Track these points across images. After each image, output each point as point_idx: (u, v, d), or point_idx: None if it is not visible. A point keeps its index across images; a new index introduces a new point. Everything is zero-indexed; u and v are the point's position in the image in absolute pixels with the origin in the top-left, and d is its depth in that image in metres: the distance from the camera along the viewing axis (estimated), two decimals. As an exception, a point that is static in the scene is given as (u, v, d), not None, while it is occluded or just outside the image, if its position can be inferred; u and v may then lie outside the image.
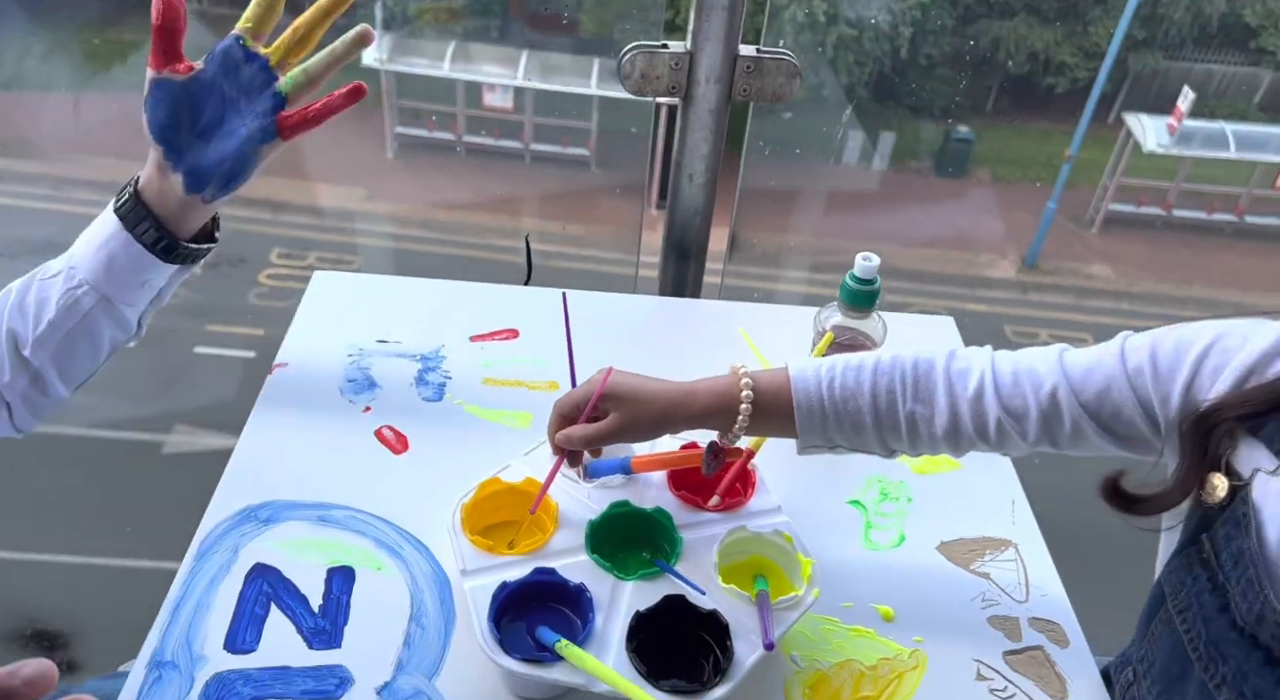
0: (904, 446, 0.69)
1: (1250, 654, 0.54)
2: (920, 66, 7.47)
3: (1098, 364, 0.64)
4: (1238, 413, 0.56)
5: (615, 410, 0.68)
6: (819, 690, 0.69)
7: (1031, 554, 0.79)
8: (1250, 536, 0.54)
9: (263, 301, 5.87)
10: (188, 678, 0.66)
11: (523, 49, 7.28)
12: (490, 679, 0.67)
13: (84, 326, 0.68)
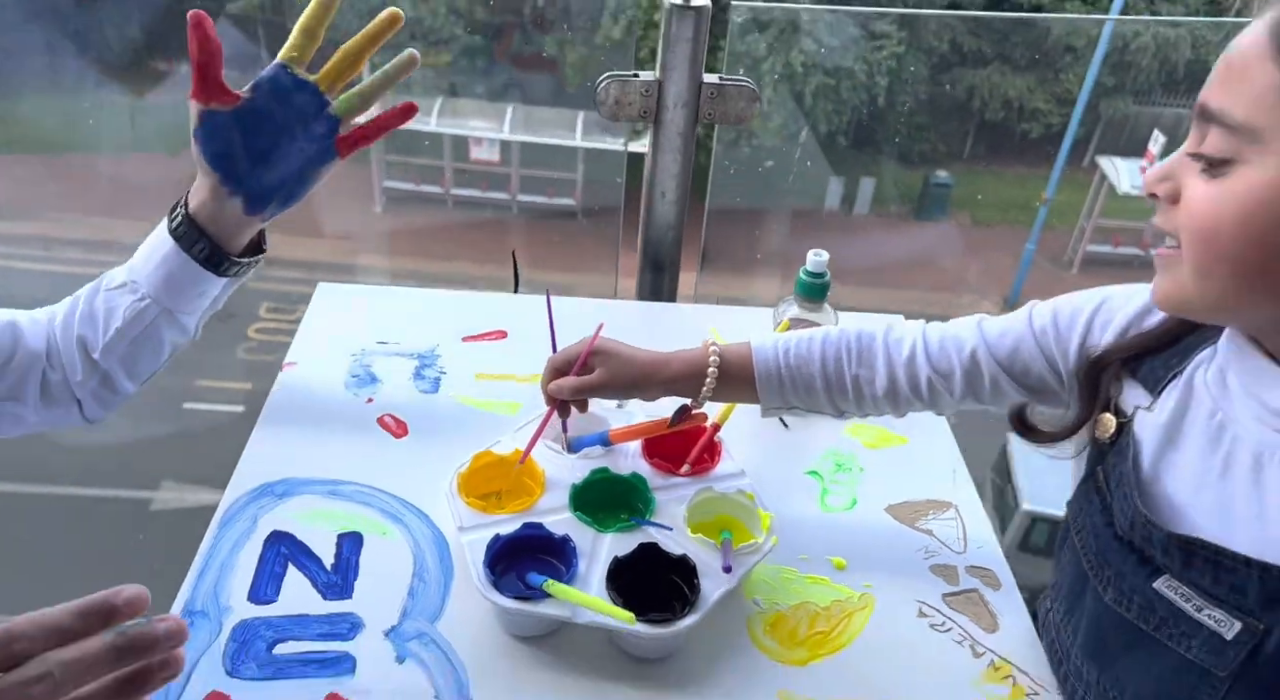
0: (850, 407, 0.79)
1: (1127, 557, 0.63)
2: (898, 114, 7.70)
3: (1010, 328, 0.74)
4: (1120, 356, 0.67)
5: (601, 366, 0.78)
6: (778, 627, 0.77)
7: (970, 513, 0.88)
8: (1129, 462, 0.64)
9: (251, 356, 5.92)
10: (216, 623, 0.74)
11: (509, 103, 7.48)
12: (487, 620, 0.75)
13: (148, 334, 0.75)
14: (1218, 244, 0.54)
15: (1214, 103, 0.53)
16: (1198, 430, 0.62)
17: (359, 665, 0.72)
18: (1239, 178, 0.52)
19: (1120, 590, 0.64)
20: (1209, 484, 0.60)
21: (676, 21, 1.05)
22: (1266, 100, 0.51)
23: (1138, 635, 0.63)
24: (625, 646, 0.74)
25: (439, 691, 0.70)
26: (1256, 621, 0.57)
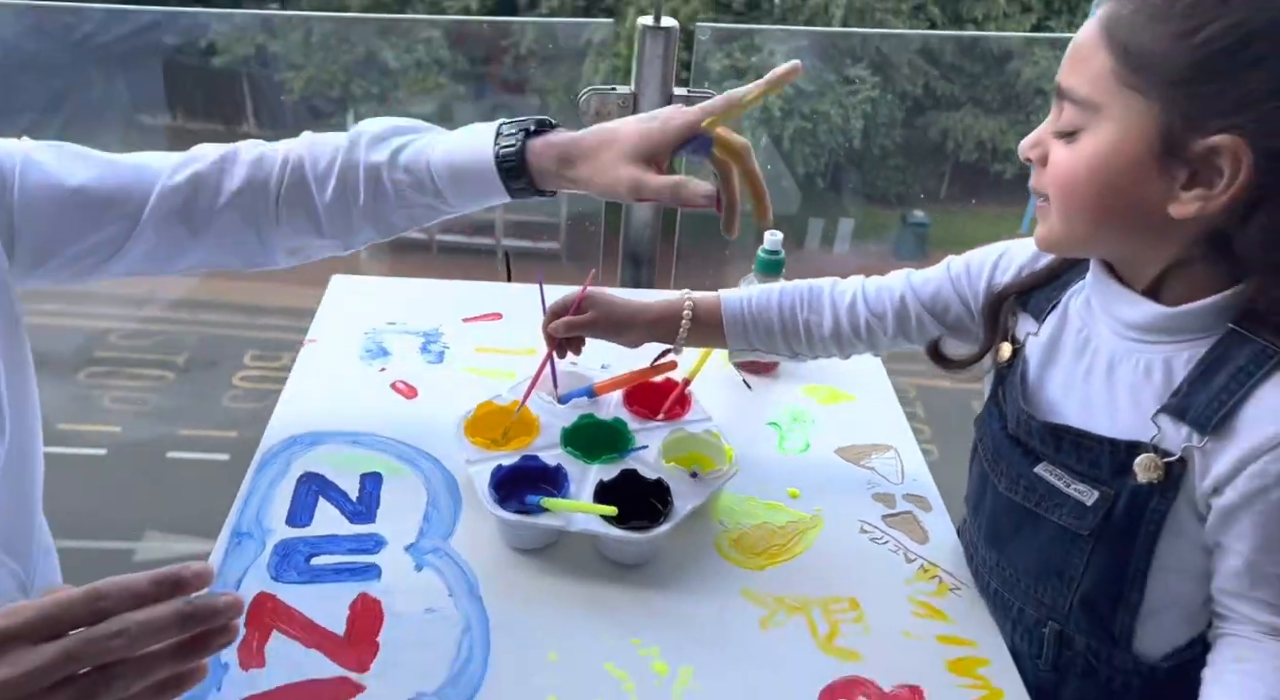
0: (803, 348, 0.94)
1: (1015, 451, 0.78)
2: (874, 156, 7.95)
3: (932, 276, 0.89)
4: (1015, 291, 0.82)
5: (592, 309, 0.92)
6: (740, 543, 0.90)
7: (907, 453, 1.02)
8: (1018, 376, 0.79)
9: (236, 404, 5.97)
10: (260, 543, 0.86)
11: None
12: (492, 537, 0.88)
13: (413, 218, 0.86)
14: (1076, 194, 0.68)
15: (1065, 83, 0.68)
16: (1069, 345, 0.77)
17: (384, 573, 0.84)
18: (1086, 142, 0.67)
19: (1011, 478, 0.78)
20: (1076, 386, 0.75)
21: (649, 40, 1.21)
22: (1102, 80, 0.65)
23: (1025, 514, 0.77)
24: (609, 554, 0.87)
25: (452, 590, 0.83)
26: (1109, 488, 0.72)
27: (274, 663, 0.76)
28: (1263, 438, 0.66)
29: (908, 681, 0.77)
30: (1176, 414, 0.69)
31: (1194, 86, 0.62)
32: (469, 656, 0.78)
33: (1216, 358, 0.69)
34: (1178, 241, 0.67)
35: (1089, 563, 0.75)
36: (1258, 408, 0.66)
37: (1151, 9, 0.63)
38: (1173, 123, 0.63)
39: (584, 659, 0.78)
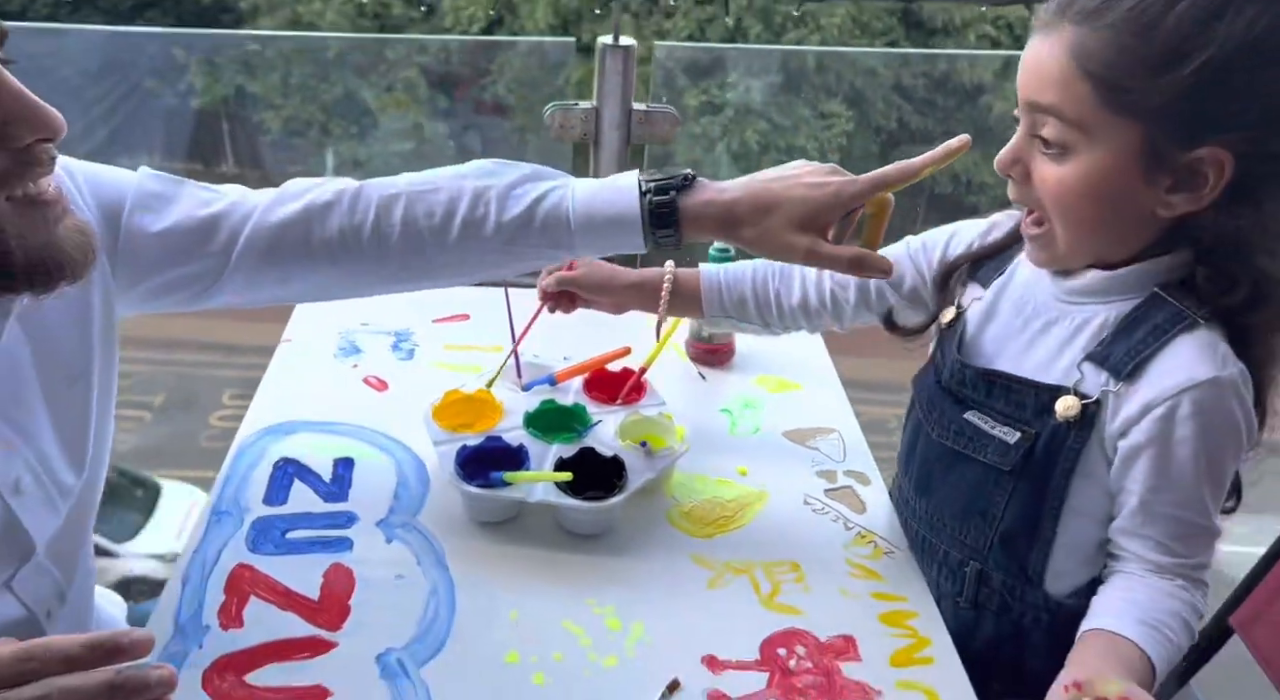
0: (773, 318, 1.02)
1: (945, 397, 0.87)
2: (851, 191, 8.10)
3: (892, 251, 0.98)
4: (965, 261, 0.91)
5: (581, 266, 1.01)
6: (691, 515, 0.96)
7: (850, 435, 1.09)
8: (957, 334, 0.88)
9: (213, 444, 5.96)
10: (238, 520, 0.91)
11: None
12: (459, 513, 0.93)
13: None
14: (1074, 211, 0.76)
15: (1046, 101, 0.73)
16: (1010, 305, 0.87)
17: (355, 544, 0.90)
18: (1078, 161, 0.73)
19: (943, 426, 0.87)
20: (1011, 338, 0.85)
21: (609, 58, 1.29)
22: (1086, 106, 0.71)
23: (954, 457, 0.86)
24: (568, 525, 0.93)
25: (420, 559, 0.88)
26: (1030, 428, 0.81)
27: (251, 624, 0.81)
28: (1167, 385, 0.75)
29: (843, 632, 0.83)
30: (1098, 361, 0.78)
31: (1177, 111, 0.69)
32: (435, 616, 0.83)
33: (1139, 315, 0.78)
34: (1156, 231, 0.76)
35: (1009, 501, 0.84)
36: (1167, 360, 0.75)
37: (1126, 43, 0.69)
38: (1159, 141, 0.71)
39: (543, 617, 0.84)
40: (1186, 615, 0.76)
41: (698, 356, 1.20)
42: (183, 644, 0.79)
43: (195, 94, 8.22)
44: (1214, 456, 0.76)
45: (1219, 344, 0.75)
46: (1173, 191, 0.72)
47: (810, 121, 7.95)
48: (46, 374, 0.75)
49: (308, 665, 0.78)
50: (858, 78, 8.31)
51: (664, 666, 0.79)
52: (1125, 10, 0.69)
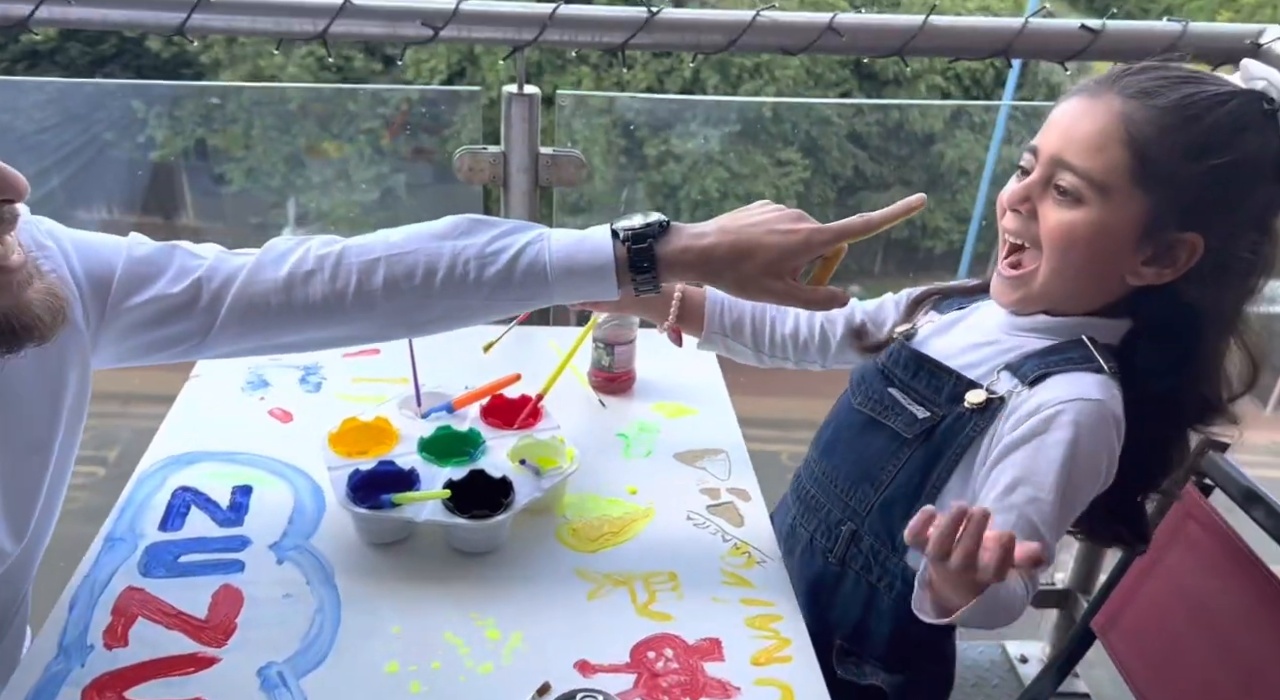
0: (764, 343, 1.10)
1: (876, 374, 0.98)
2: (809, 236, 8.26)
3: (879, 300, 1.09)
4: (937, 292, 1.04)
5: None
6: (579, 533, 1.00)
7: (737, 457, 1.13)
8: (907, 335, 0.98)
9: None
10: (132, 545, 0.94)
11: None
12: (351, 536, 0.97)
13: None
14: (1071, 254, 0.85)
15: (1075, 160, 0.82)
16: (961, 327, 0.97)
17: (247, 566, 0.93)
18: (1088, 211, 0.83)
19: (865, 395, 0.97)
20: (950, 346, 0.95)
21: (514, 106, 1.35)
22: (1118, 171, 0.81)
23: (867, 422, 0.96)
24: (458, 544, 0.96)
25: (309, 579, 0.92)
26: (939, 410, 0.91)
27: (136, 643, 0.84)
28: (1059, 394, 0.84)
29: (710, 635, 0.88)
30: (1012, 370, 0.89)
31: (1187, 194, 0.80)
32: (319, 631, 0.86)
33: (1059, 346, 0.89)
34: (1115, 295, 0.87)
35: (900, 470, 0.93)
36: (1066, 377, 0.86)
37: (1173, 125, 0.80)
38: (1161, 218, 0.81)
39: (425, 630, 0.87)
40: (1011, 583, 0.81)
41: (599, 385, 1.24)
42: (65, 663, 0.81)
43: (154, 146, 8.24)
44: (1075, 471, 0.83)
45: (1115, 390, 0.85)
46: (1148, 263, 0.83)
47: (768, 168, 8.12)
48: (8, 441, 0.79)
49: (189, 680, 0.81)
50: (813, 127, 8.52)
51: (538, 672, 0.83)
52: (1179, 97, 0.80)
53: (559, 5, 1.24)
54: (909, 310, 1.05)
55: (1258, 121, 0.81)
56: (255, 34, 1.22)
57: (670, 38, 1.25)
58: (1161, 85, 0.81)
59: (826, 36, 1.18)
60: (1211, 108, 0.80)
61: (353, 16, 1.23)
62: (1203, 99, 0.80)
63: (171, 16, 1.19)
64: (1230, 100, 0.81)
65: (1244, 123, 0.80)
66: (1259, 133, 0.80)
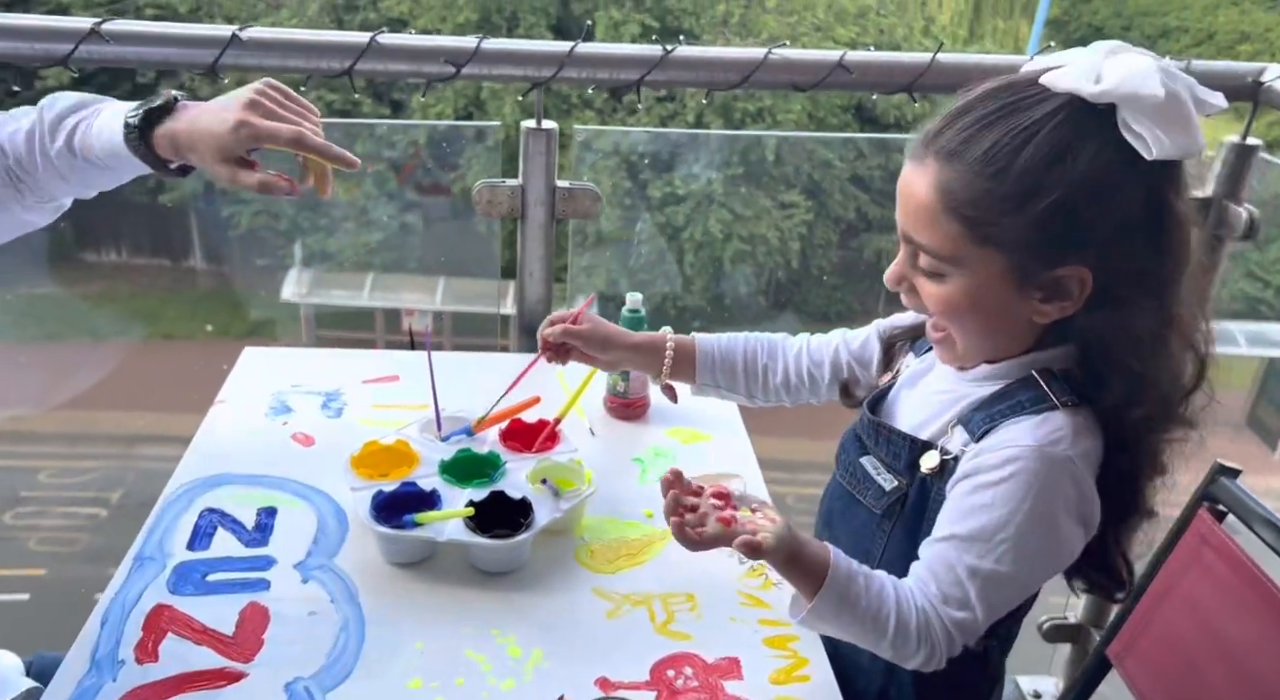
0: (758, 389, 1.11)
1: (853, 441, 0.97)
2: (813, 276, 8.34)
3: (863, 331, 1.09)
4: (905, 335, 1.02)
5: (586, 322, 1.09)
6: (597, 554, 1.02)
7: (752, 480, 1.15)
8: (882, 392, 0.97)
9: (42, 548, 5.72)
10: (160, 564, 0.96)
11: (439, 276, 7.89)
12: (374, 555, 0.98)
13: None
14: (961, 320, 0.84)
15: (919, 238, 0.81)
16: (925, 374, 0.96)
17: (273, 585, 0.94)
18: (955, 281, 0.81)
19: (844, 466, 0.96)
20: (913, 401, 0.95)
21: (532, 140, 1.39)
22: (954, 242, 0.79)
23: (848, 498, 0.95)
24: (478, 564, 0.98)
25: (334, 597, 0.93)
26: (904, 479, 0.89)
27: (166, 658, 0.85)
28: (993, 444, 0.83)
29: (729, 654, 0.89)
30: (963, 424, 0.87)
31: (1034, 240, 0.78)
32: (344, 648, 0.88)
33: (1007, 390, 0.86)
34: (1040, 331, 0.84)
35: (887, 544, 0.91)
36: (1007, 427, 0.83)
37: (984, 184, 0.77)
38: (1022, 265, 0.79)
39: (447, 648, 0.88)
40: (890, 610, 0.80)
41: (614, 410, 1.27)
42: (98, 677, 0.83)
43: (164, 189, 8.33)
44: (1005, 519, 0.80)
45: (1065, 427, 0.81)
46: (1045, 302, 0.80)
47: (771, 211, 8.20)
48: None
49: (218, 694, 0.82)
50: (815, 170, 8.62)
51: (559, 688, 0.84)
52: (980, 154, 0.77)
53: (577, 43, 1.28)
54: (885, 357, 1.04)
55: (1079, 136, 0.75)
56: (286, 71, 1.26)
57: (684, 75, 1.30)
58: (967, 138, 0.78)
59: (836, 73, 1.22)
60: (1018, 151, 0.75)
61: (379, 55, 1.27)
62: (1005, 145, 0.76)
63: (205, 54, 1.23)
64: (1039, 131, 0.75)
65: (1059, 152, 0.75)
66: (1083, 147, 0.75)
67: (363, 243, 7.82)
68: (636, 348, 1.10)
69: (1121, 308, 0.79)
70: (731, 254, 7.91)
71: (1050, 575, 0.85)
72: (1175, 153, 0.75)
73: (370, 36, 1.25)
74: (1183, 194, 0.79)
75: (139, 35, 1.22)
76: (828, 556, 0.81)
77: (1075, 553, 0.83)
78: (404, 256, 7.96)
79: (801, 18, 9.27)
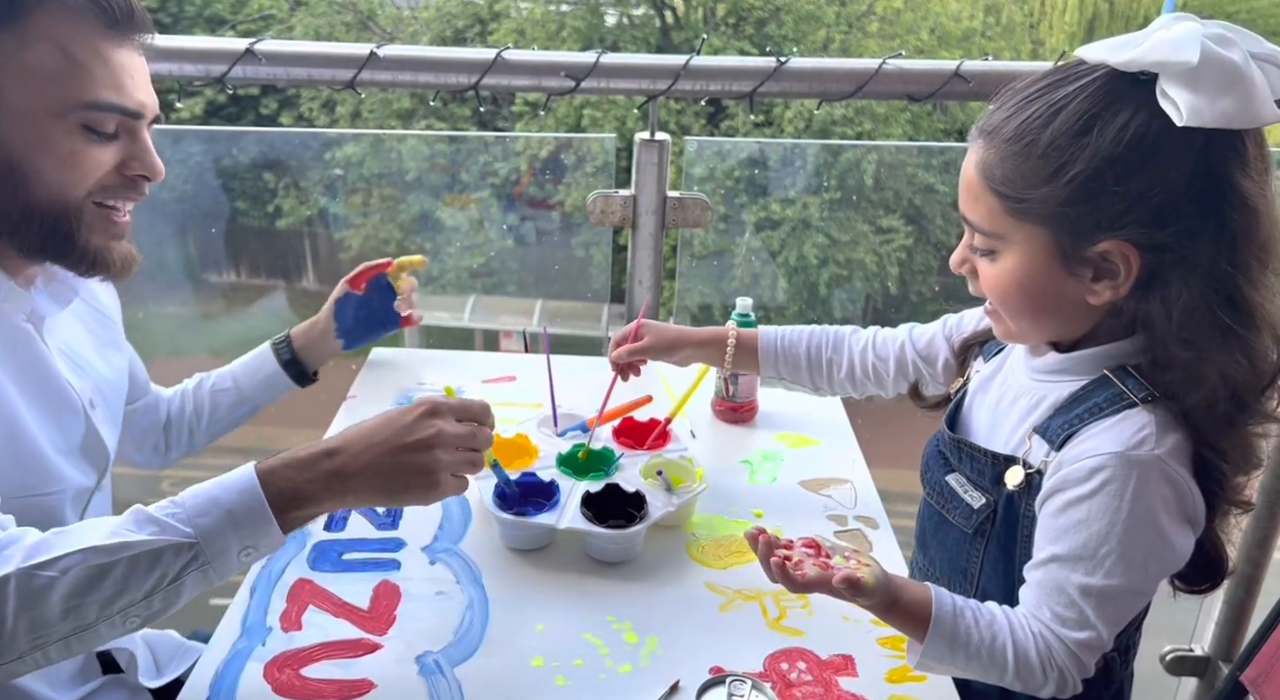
0: (823, 381, 1.12)
1: (937, 459, 0.95)
2: (913, 302, 8.20)
3: (930, 328, 1.09)
4: (976, 340, 1.00)
5: (647, 334, 1.13)
6: (707, 550, 1.04)
7: (862, 487, 1.16)
8: (955, 402, 0.97)
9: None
10: (301, 543, 1.02)
11: (537, 298, 8.07)
12: (495, 542, 1.03)
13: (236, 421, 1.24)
14: (1011, 302, 0.84)
15: (968, 215, 0.83)
16: (996, 379, 0.94)
17: (403, 565, 1.00)
18: (1003, 261, 0.82)
19: (931, 485, 0.94)
20: (989, 411, 0.93)
21: (644, 151, 1.44)
22: (996, 217, 0.80)
23: (939, 518, 0.93)
24: (594, 553, 1.01)
25: (459, 578, 0.98)
26: (991, 495, 0.88)
27: (309, 627, 0.91)
28: (1075, 455, 0.80)
29: (842, 651, 0.90)
30: (1041, 433, 0.85)
31: (1070, 212, 0.76)
32: (470, 626, 0.92)
33: (1083, 394, 0.84)
34: (1098, 315, 0.83)
35: (984, 562, 0.90)
36: (1087, 434, 0.81)
37: (1016, 157, 0.77)
38: (1062, 240, 0.78)
39: (566, 630, 0.92)
40: (1005, 640, 0.79)
41: (723, 413, 1.29)
42: (248, 641, 0.89)
43: (281, 214, 8.77)
44: (1105, 531, 0.78)
45: (1149, 426, 0.78)
46: (1096, 281, 0.78)
47: (869, 236, 8.11)
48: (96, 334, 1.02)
49: (356, 662, 0.87)
50: (916, 194, 8.50)
51: (674, 674, 0.87)
52: (1013, 129, 0.77)
53: (692, 57, 1.33)
54: (959, 360, 1.02)
55: (1109, 108, 0.74)
56: (417, 87, 1.34)
57: (798, 86, 1.32)
58: (1008, 116, 0.78)
59: (953, 83, 1.23)
60: (1047, 123, 0.75)
61: (503, 71, 1.34)
62: (1036, 118, 0.76)
63: (344, 73, 1.32)
64: (1069, 103, 0.75)
65: (1085, 124, 0.74)
66: (1113, 118, 0.73)
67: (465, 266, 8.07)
68: (703, 343, 1.13)
69: (1174, 289, 0.76)
70: (827, 279, 7.84)
71: (1165, 576, 0.82)
72: (1218, 121, 0.70)
73: (496, 52, 1.32)
74: (1255, 171, 0.75)
75: (288, 55, 1.31)
76: (929, 596, 0.80)
77: (1187, 551, 0.80)
78: (504, 279, 8.15)
79: (904, 41, 9.20)
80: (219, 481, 0.75)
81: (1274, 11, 11.28)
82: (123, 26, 0.81)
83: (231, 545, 0.74)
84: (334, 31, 9.14)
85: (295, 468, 0.77)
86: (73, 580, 0.69)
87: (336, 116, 9.25)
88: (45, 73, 0.77)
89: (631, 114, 7.76)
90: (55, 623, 0.69)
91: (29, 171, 0.79)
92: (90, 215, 0.84)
